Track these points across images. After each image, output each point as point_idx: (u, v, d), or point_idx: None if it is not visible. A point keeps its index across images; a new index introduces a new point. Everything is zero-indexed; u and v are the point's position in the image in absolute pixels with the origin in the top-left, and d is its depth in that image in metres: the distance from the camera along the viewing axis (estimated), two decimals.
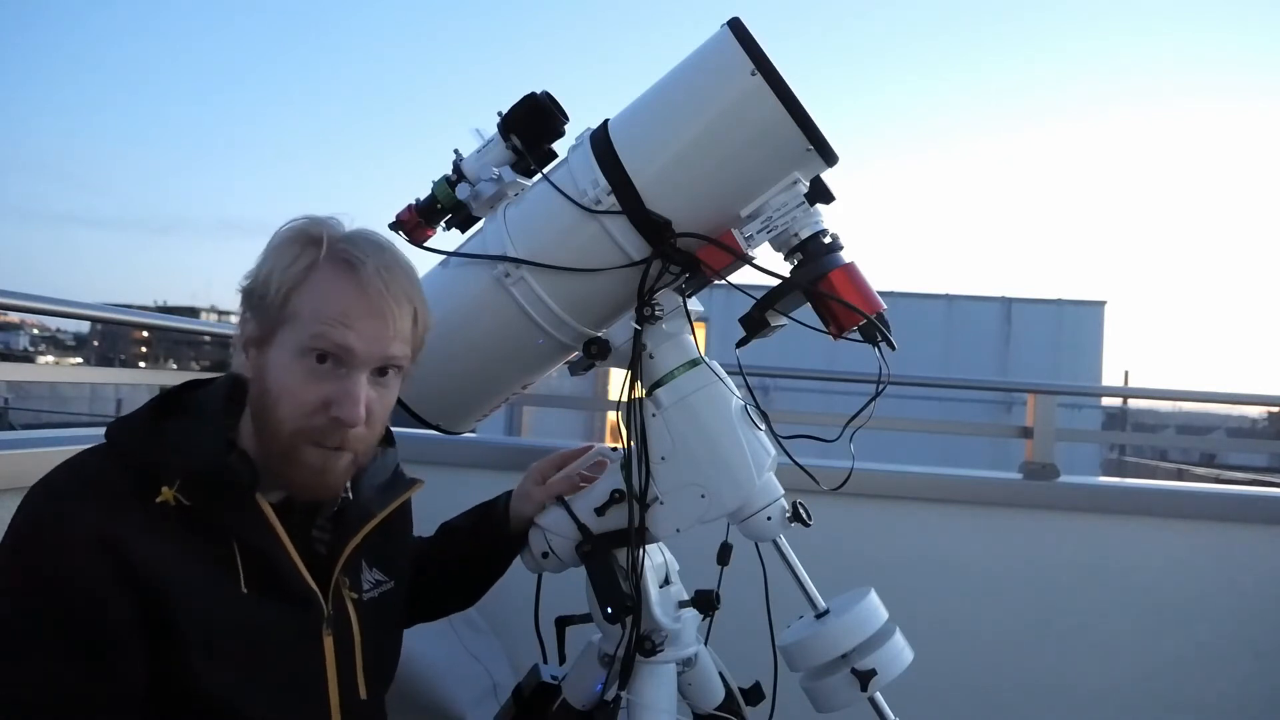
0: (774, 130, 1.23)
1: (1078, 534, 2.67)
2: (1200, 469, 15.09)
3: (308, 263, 1.09)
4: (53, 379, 14.87)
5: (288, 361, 1.08)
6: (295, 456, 1.09)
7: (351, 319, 1.08)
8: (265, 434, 1.10)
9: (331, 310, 1.07)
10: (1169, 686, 2.58)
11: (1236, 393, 4.67)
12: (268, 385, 1.09)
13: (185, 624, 1.01)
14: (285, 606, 1.11)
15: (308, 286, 1.08)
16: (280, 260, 1.09)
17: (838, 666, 1.26)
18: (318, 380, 1.08)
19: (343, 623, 1.17)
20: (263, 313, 1.09)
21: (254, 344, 1.11)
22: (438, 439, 1.59)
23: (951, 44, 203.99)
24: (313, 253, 1.09)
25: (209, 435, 1.10)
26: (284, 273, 1.08)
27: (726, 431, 1.31)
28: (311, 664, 1.14)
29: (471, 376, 1.46)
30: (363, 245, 1.12)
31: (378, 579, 1.26)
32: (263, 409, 1.10)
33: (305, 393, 1.08)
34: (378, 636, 1.23)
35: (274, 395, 1.08)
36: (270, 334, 1.09)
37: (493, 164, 1.41)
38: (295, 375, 1.08)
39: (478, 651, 2.40)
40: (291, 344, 1.08)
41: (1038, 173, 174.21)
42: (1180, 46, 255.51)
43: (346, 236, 1.13)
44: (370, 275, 1.09)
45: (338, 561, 1.17)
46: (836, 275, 1.26)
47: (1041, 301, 16.84)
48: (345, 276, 1.09)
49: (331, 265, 1.09)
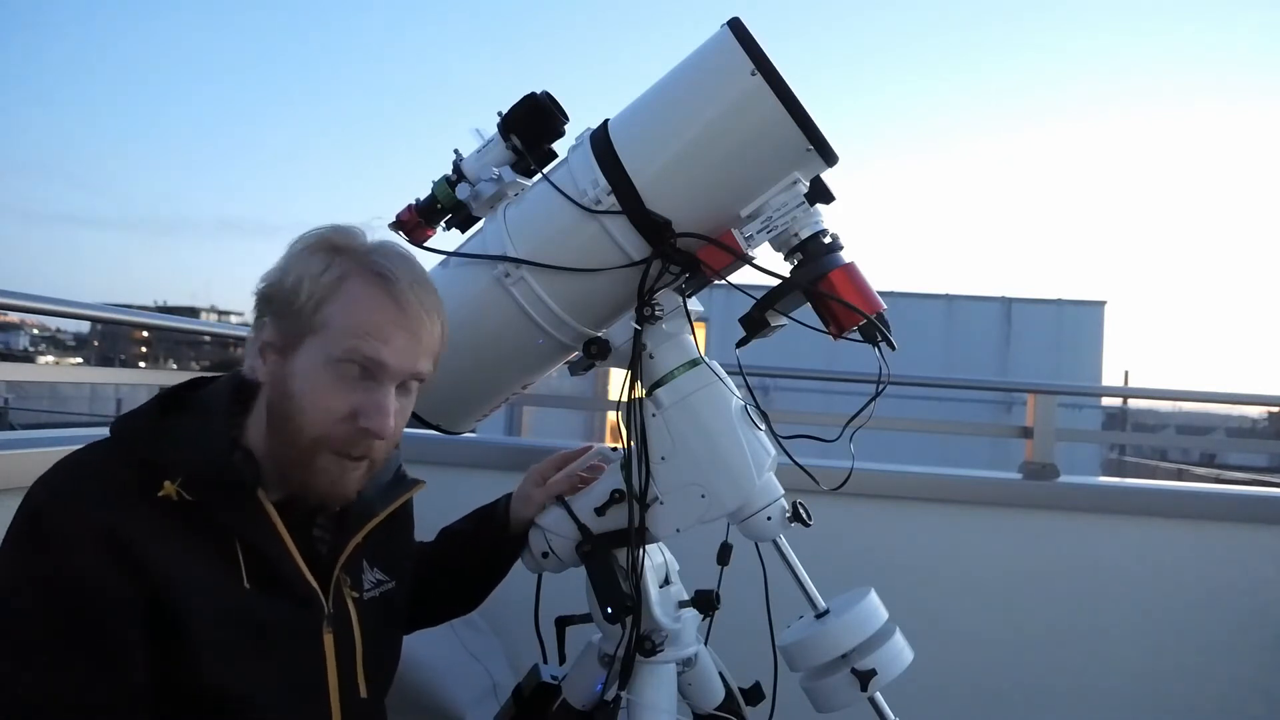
0: (774, 130, 1.23)
1: (1078, 534, 2.67)
2: (1200, 469, 15.10)
3: (340, 273, 1.09)
4: (53, 379, 14.88)
5: (315, 369, 1.09)
6: (313, 463, 1.10)
7: (385, 333, 1.09)
8: (283, 438, 1.10)
9: (365, 323, 1.09)
10: (1169, 686, 2.58)
11: (1236, 393, 4.67)
12: (290, 391, 1.09)
13: (189, 619, 1.02)
14: (286, 604, 1.11)
15: (340, 297, 1.09)
16: (309, 268, 1.09)
17: (838, 666, 1.26)
18: (346, 390, 1.09)
19: (343, 621, 1.17)
20: (289, 319, 1.09)
21: (275, 349, 1.11)
22: (438, 439, 1.59)
23: (951, 44, 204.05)
24: (344, 263, 1.10)
25: (214, 433, 1.10)
26: (315, 281, 1.09)
27: (726, 431, 1.31)
28: (312, 662, 1.14)
29: (471, 376, 1.45)
30: (394, 259, 1.13)
31: (379, 578, 1.27)
32: (283, 414, 1.10)
33: (332, 401, 1.09)
34: (378, 635, 1.23)
35: (298, 401, 1.09)
36: (296, 341, 1.09)
37: (493, 164, 1.41)
38: (323, 383, 1.09)
39: (478, 651, 2.40)
40: (320, 352, 1.09)
41: (1038, 173, 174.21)
42: (1180, 47, 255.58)
43: (377, 249, 1.14)
44: (404, 290, 1.11)
45: (339, 560, 1.17)
46: (836, 275, 1.26)
47: (1041, 301, 16.85)
48: (379, 290, 1.10)
49: (364, 277, 1.10)
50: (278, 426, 1.11)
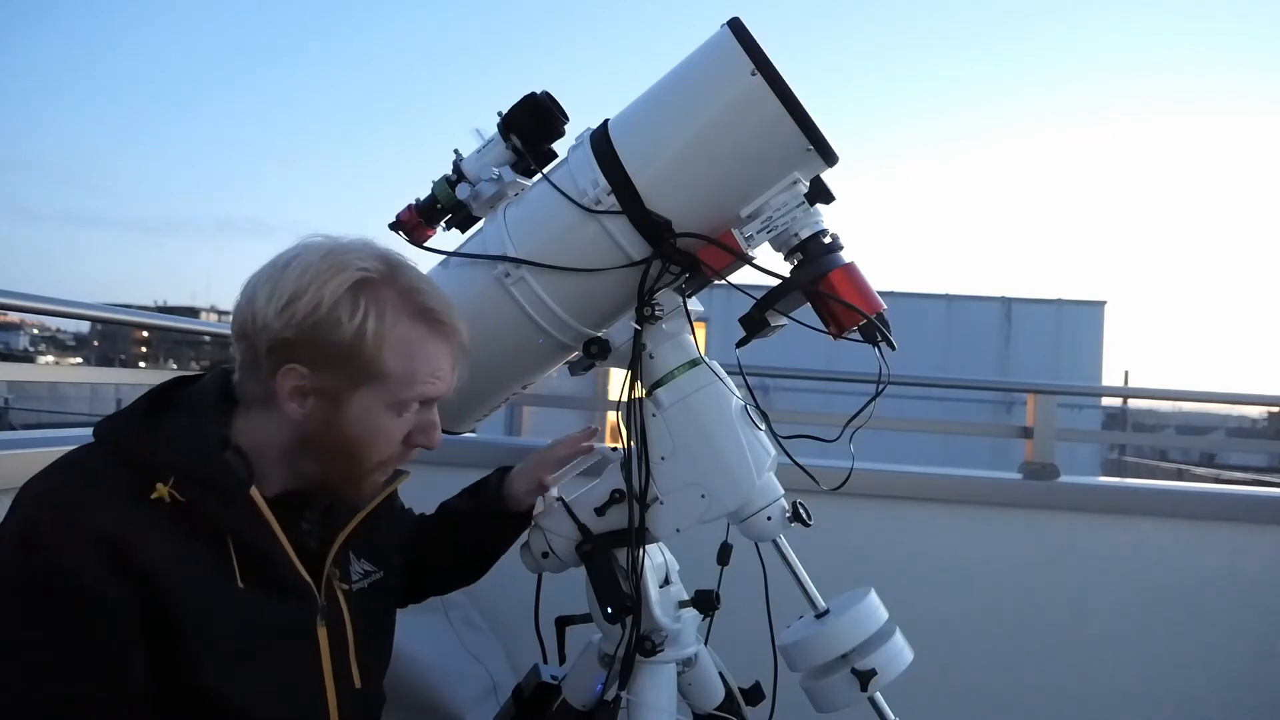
0: (774, 130, 1.23)
1: (1078, 534, 2.67)
2: (1200, 469, 15.09)
3: (388, 319, 1.09)
4: (53, 379, 14.86)
5: (376, 413, 1.11)
6: (367, 480, 1.16)
7: (442, 370, 1.15)
8: (337, 464, 1.13)
9: (425, 370, 1.12)
10: (1169, 686, 2.58)
11: (1236, 393, 4.67)
12: (349, 435, 1.11)
13: (186, 620, 1.02)
14: (281, 601, 1.12)
15: (392, 344, 1.09)
16: (342, 311, 1.06)
17: (838, 666, 1.26)
18: (405, 422, 1.14)
19: (335, 614, 1.18)
20: (334, 369, 1.08)
21: (320, 396, 1.09)
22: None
23: (952, 45, 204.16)
24: (383, 305, 1.09)
25: (205, 433, 1.10)
26: (359, 330, 1.07)
27: (726, 431, 1.31)
28: (307, 656, 1.15)
29: (472, 376, 1.45)
30: (426, 287, 1.14)
31: (366, 569, 1.27)
32: (338, 450, 1.12)
33: (395, 434, 1.14)
34: (369, 626, 1.24)
35: (358, 442, 1.12)
36: (349, 389, 1.09)
37: (493, 164, 1.41)
38: (385, 424, 1.12)
39: (478, 651, 2.40)
40: (380, 400, 1.10)
41: (1038, 173, 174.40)
42: (1180, 48, 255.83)
43: (409, 281, 1.13)
44: (447, 321, 1.14)
45: (329, 554, 1.18)
46: (836, 275, 1.26)
47: (1041, 301, 16.81)
48: (428, 330, 1.13)
49: (410, 318, 1.11)
50: (331, 459, 1.13)
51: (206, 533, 1.07)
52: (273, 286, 1.08)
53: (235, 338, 1.12)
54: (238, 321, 1.11)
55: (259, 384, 1.10)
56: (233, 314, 1.13)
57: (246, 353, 1.10)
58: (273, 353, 1.07)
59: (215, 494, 1.07)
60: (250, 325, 1.08)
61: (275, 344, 1.07)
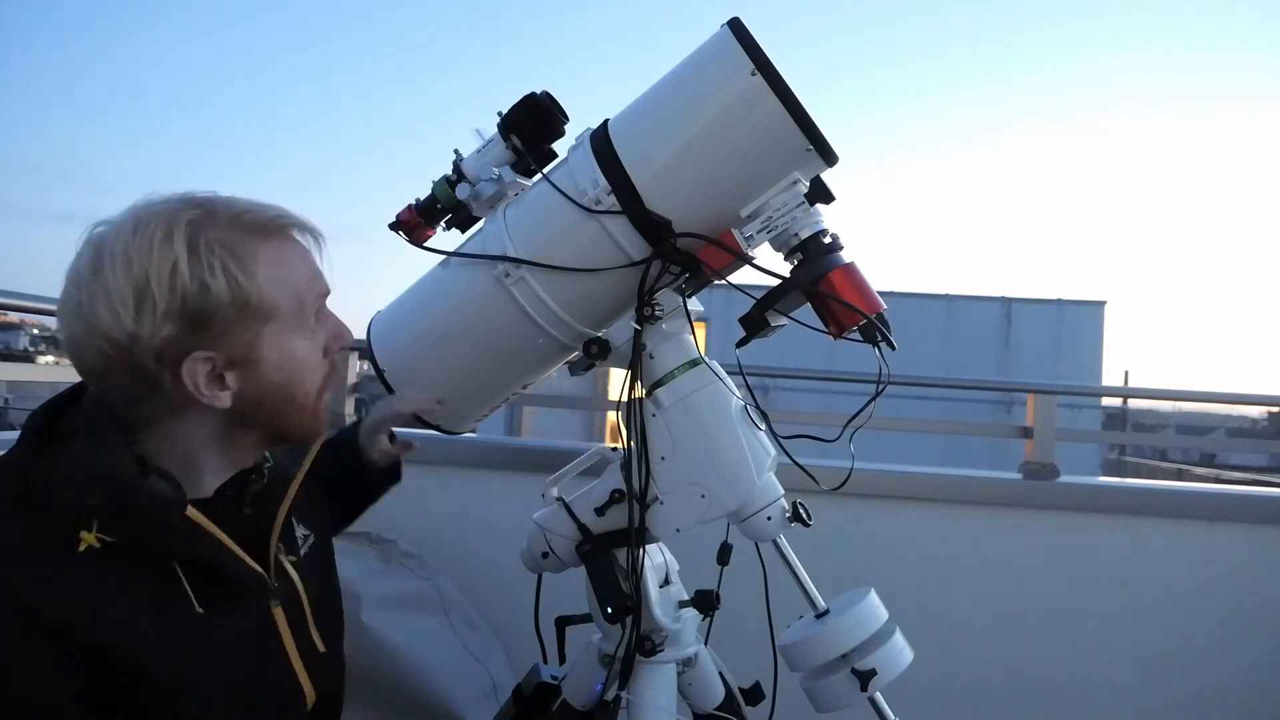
0: (774, 130, 1.23)
1: (1078, 534, 2.67)
2: (1200, 469, 15.10)
3: (242, 255, 1.00)
4: (53, 379, 14.86)
5: (289, 346, 1.06)
6: (321, 409, 1.13)
7: (312, 268, 1.10)
8: (285, 416, 1.08)
9: (306, 276, 1.08)
10: (1169, 686, 2.58)
11: (1236, 393, 4.66)
12: (279, 380, 1.05)
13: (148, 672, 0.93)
14: (241, 608, 1.06)
15: (262, 275, 1.01)
16: (207, 271, 0.97)
17: (838, 666, 1.25)
18: (317, 336, 1.11)
19: (289, 590, 1.14)
20: (235, 326, 1.00)
21: (236, 367, 1.02)
22: (438, 439, 1.59)
23: (952, 45, 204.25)
24: (227, 243, 0.99)
25: (119, 461, 0.97)
26: (240, 276, 0.99)
27: (726, 431, 1.31)
28: (270, 642, 1.10)
29: (472, 377, 1.46)
30: (259, 206, 1.05)
31: (304, 533, 1.24)
32: (282, 400, 1.06)
33: (316, 353, 1.10)
34: (319, 588, 1.21)
35: (293, 380, 1.07)
36: (258, 339, 1.03)
37: (493, 164, 1.41)
38: (301, 350, 1.08)
39: (478, 651, 2.40)
40: (287, 329, 1.05)
41: (1037, 173, 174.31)
42: (1180, 48, 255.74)
43: (238, 209, 1.03)
44: (298, 226, 1.09)
45: (272, 531, 1.13)
46: (836, 275, 1.26)
47: (1041, 301, 16.81)
48: (289, 241, 1.08)
49: (268, 241, 1.04)
50: (274, 415, 1.08)
51: (147, 566, 0.97)
52: (106, 299, 0.95)
53: (96, 375, 1.00)
54: (89, 357, 0.98)
55: (160, 399, 1.00)
56: (73, 354, 0.99)
57: (125, 379, 0.98)
58: (163, 358, 0.97)
59: (147, 524, 0.96)
60: (111, 350, 0.96)
61: (160, 347, 0.96)
